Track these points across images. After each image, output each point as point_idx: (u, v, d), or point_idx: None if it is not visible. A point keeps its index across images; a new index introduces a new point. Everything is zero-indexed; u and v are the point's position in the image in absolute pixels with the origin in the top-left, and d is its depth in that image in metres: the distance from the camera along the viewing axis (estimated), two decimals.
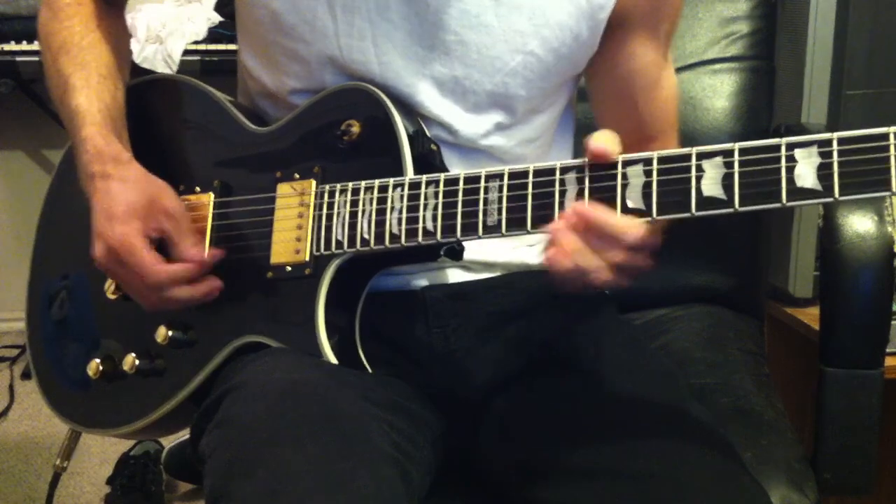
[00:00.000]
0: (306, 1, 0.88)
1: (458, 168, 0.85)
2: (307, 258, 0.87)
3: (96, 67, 0.95)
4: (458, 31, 0.88)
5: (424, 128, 0.89)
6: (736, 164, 0.68)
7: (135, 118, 0.98)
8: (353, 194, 0.85)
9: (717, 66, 1.33)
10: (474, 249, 0.90)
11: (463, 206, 0.79)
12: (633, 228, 0.72)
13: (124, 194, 0.88)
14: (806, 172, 0.65)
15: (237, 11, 0.98)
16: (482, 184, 0.79)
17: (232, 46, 2.24)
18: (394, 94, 0.89)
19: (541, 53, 0.90)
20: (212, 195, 0.94)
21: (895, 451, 1.56)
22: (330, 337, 0.85)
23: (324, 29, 0.89)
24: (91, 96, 0.92)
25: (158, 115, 1.03)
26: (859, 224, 1.00)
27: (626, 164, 0.73)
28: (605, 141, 0.74)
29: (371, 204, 0.84)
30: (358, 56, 0.89)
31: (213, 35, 2.28)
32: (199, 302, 0.89)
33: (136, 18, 2.23)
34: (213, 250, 0.91)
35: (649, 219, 0.72)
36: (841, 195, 0.65)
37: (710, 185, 0.69)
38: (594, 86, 1.00)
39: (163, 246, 0.89)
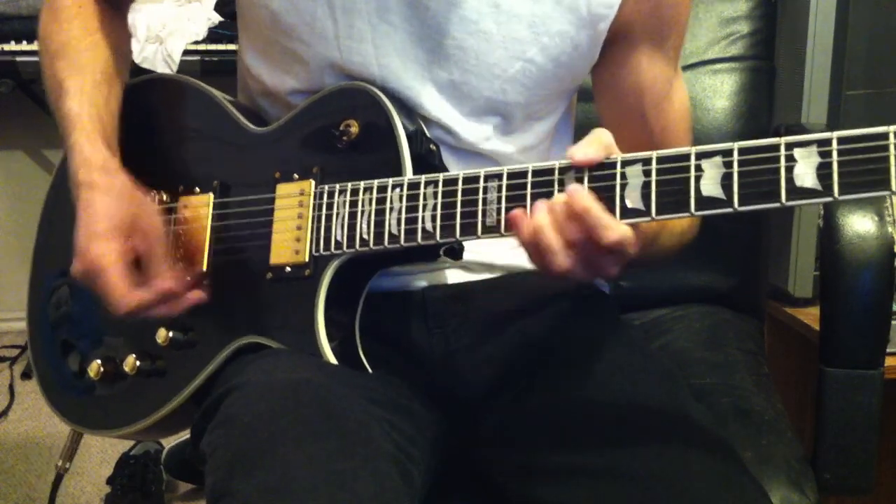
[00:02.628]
0: (306, 2, 0.88)
1: (458, 171, 0.85)
2: (306, 259, 0.86)
3: (91, 72, 0.94)
4: (457, 36, 0.88)
5: (424, 128, 0.89)
6: (735, 164, 0.68)
7: (134, 118, 0.98)
8: (352, 194, 0.85)
9: (717, 66, 1.33)
10: (474, 250, 0.90)
11: (462, 207, 0.79)
12: (617, 229, 0.70)
13: (106, 209, 0.86)
14: (805, 172, 0.65)
15: (238, 10, 0.98)
16: (481, 184, 0.78)
17: (232, 46, 2.24)
18: (394, 96, 0.88)
19: (540, 61, 0.89)
20: (211, 195, 0.94)
21: (895, 451, 1.56)
22: (330, 337, 0.84)
23: (323, 31, 0.89)
24: (83, 101, 0.92)
25: (158, 115, 1.02)
26: (859, 224, 1.00)
27: (625, 163, 0.72)
28: (584, 152, 0.73)
29: (370, 204, 0.84)
30: (358, 58, 0.89)
31: (213, 35, 2.28)
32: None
33: (136, 18, 2.22)
34: (171, 274, 0.88)
35: (646, 219, 0.72)
36: (840, 195, 0.64)
37: (710, 184, 0.69)
38: (603, 102, 0.98)
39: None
